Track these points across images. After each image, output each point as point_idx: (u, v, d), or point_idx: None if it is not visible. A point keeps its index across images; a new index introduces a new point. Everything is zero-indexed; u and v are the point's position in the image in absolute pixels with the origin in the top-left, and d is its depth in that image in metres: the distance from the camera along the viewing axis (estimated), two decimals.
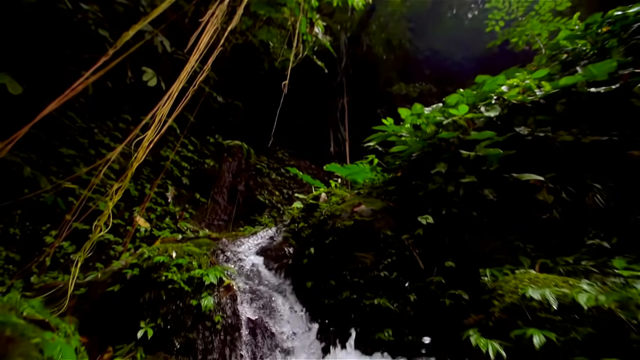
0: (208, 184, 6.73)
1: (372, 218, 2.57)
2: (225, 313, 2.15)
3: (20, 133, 2.42)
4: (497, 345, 1.27)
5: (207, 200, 6.65)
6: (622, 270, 1.32)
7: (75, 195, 5.20)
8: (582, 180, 2.13)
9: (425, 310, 2.00)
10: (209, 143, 7.37)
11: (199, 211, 6.55)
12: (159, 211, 6.36)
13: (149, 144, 2.51)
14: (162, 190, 6.59)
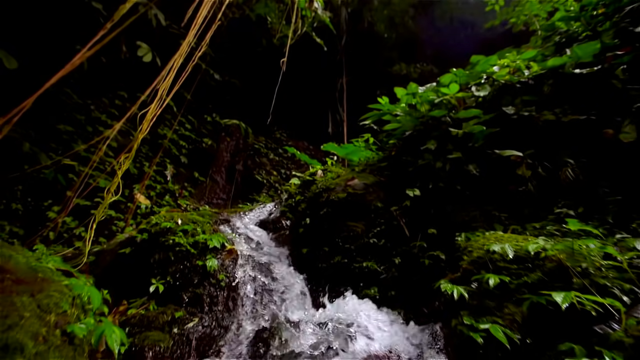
0: (206, 163, 6.90)
1: (364, 191, 2.79)
2: (228, 273, 2.42)
3: (27, 105, 2.54)
4: (461, 289, 1.53)
5: (205, 179, 6.85)
6: (576, 230, 1.55)
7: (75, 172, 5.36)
8: (558, 156, 2.33)
9: (407, 271, 2.27)
10: (206, 122, 7.44)
11: (198, 190, 6.77)
12: (158, 189, 6.56)
13: (152, 118, 2.64)
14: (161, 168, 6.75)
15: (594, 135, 2.33)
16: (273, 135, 8.05)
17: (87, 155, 5.40)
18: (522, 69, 2.74)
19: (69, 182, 5.29)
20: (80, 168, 5.38)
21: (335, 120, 8.02)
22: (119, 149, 4.98)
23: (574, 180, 2.18)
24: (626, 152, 2.19)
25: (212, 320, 2.12)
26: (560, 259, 1.39)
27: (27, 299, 1.30)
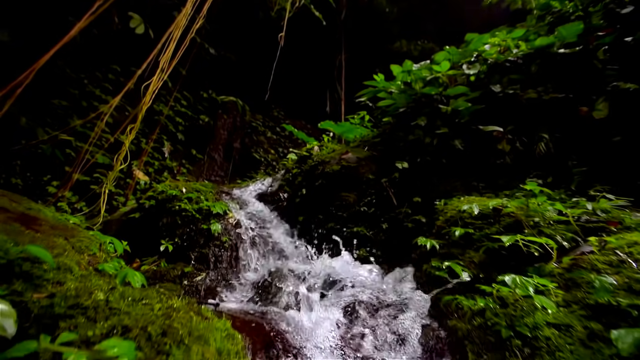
0: (203, 140, 7.05)
1: (357, 164, 3.04)
2: (230, 236, 2.71)
3: (28, 78, 2.69)
4: (434, 242, 1.83)
5: (203, 156, 7.04)
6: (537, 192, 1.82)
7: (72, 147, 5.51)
8: (535, 132, 2.57)
9: (393, 234, 2.58)
10: (202, 98, 7.49)
11: (195, 167, 6.98)
12: (156, 165, 6.76)
13: (154, 90, 2.80)
14: (158, 145, 6.91)
15: (570, 113, 2.56)
16: (270, 114, 8.15)
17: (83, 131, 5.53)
18: (512, 48, 2.90)
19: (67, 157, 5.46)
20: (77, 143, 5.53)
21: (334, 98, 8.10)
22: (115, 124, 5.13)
23: (546, 154, 2.44)
24: (597, 128, 2.44)
25: (217, 274, 2.44)
26: (516, 214, 1.68)
27: (63, 241, 1.56)
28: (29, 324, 0.90)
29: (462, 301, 1.23)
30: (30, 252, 1.14)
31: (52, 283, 1.07)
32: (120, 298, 0.92)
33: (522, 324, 1.02)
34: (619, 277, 1.13)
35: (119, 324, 0.84)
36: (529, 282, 1.11)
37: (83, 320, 0.85)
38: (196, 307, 1.01)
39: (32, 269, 1.10)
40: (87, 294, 0.90)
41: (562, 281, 1.20)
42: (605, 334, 0.94)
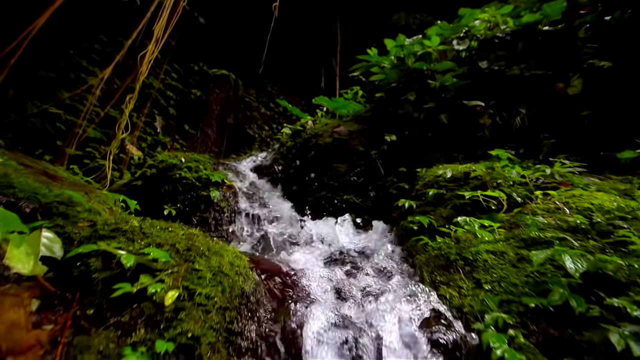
0: (196, 115, 7.12)
1: (348, 137, 3.28)
2: (229, 202, 2.99)
3: (21, 47, 2.77)
4: (412, 202, 2.13)
5: (196, 132, 7.14)
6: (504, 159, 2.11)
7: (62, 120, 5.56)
8: (514, 107, 2.83)
9: (379, 201, 2.89)
10: (193, 72, 7.44)
11: (189, 142, 7.11)
12: (149, 140, 6.87)
13: (150, 60, 2.92)
14: (150, 120, 6.97)
15: (547, 89, 2.81)
16: (264, 89, 8.16)
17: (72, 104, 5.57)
18: (500, 24, 3.07)
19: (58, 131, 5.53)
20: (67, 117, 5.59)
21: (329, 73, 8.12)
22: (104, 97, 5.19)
23: (521, 127, 2.72)
24: (570, 104, 2.71)
25: (218, 235, 2.75)
26: (482, 177, 1.98)
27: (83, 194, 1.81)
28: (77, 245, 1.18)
29: (426, 240, 1.55)
30: (66, 196, 1.40)
31: (87, 220, 1.34)
32: (150, 226, 1.19)
33: (467, 251, 1.34)
34: (551, 219, 1.45)
35: (152, 242, 1.12)
36: (475, 221, 1.42)
37: (124, 239, 1.13)
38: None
39: (68, 210, 1.36)
40: (124, 222, 1.17)
41: (507, 224, 1.52)
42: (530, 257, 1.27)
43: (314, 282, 1.39)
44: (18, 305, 0.89)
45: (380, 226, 2.32)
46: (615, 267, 1.12)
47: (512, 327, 1.00)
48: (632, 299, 1.03)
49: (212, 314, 0.99)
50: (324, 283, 1.40)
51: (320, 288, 1.36)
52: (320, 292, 1.31)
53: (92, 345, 0.85)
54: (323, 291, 1.33)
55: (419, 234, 1.70)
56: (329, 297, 1.29)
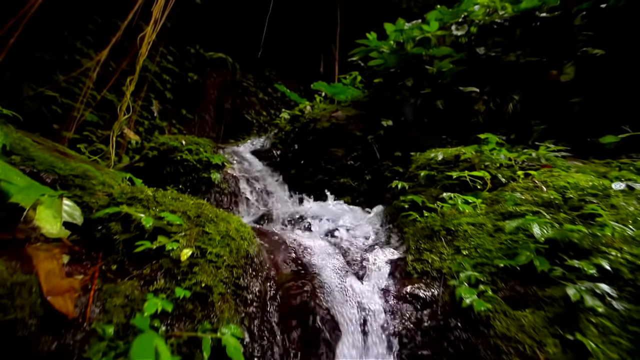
0: (193, 99, 7.13)
1: (346, 121, 3.39)
2: (229, 184, 3.12)
3: (20, 26, 2.79)
4: (404, 184, 2.28)
5: (193, 116, 7.17)
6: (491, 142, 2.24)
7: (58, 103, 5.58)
8: (508, 93, 2.94)
9: (375, 184, 3.04)
10: (189, 54, 7.38)
11: (186, 127, 7.15)
12: (146, 125, 6.90)
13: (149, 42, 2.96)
14: (147, 104, 6.97)
15: (542, 76, 2.91)
16: (262, 73, 8.13)
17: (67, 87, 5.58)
18: (499, 10, 3.13)
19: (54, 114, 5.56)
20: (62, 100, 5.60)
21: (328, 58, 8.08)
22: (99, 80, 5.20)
23: (514, 114, 2.84)
24: (562, 91, 2.82)
25: None
26: (471, 159, 2.12)
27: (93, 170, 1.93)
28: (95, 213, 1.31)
29: (415, 216, 1.71)
30: (81, 170, 1.52)
31: (103, 192, 1.47)
32: (163, 196, 1.33)
33: (450, 223, 1.49)
34: (529, 195, 1.61)
35: (166, 209, 1.26)
36: (459, 196, 1.57)
37: (140, 207, 1.26)
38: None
39: (84, 182, 1.49)
40: (139, 191, 1.31)
41: (488, 201, 1.67)
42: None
43: (312, 249, 1.54)
44: (51, 258, 1.03)
45: (375, 207, 2.47)
46: (581, 236, 1.28)
47: (482, 284, 1.17)
48: (592, 261, 1.19)
49: (221, 269, 1.14)
50: (320, 250, 1.55)
51: (318, 255, 1.51)
52: (318, 258, 1.47)
53: (119, 291, 1.01)
54: (320, 257, 1.49)
55: (409, 211, 1.86)
56: (327, 262, 1.45)
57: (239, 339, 1.03)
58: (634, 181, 1.66)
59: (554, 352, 0.96)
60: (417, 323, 1.11)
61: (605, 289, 1.09)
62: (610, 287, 1.11)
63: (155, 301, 0.97)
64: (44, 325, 0.87)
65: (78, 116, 4.06)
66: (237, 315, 1.12)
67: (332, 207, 2.67)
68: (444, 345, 1.03)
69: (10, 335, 0.82)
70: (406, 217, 1.77)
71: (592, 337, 0.99)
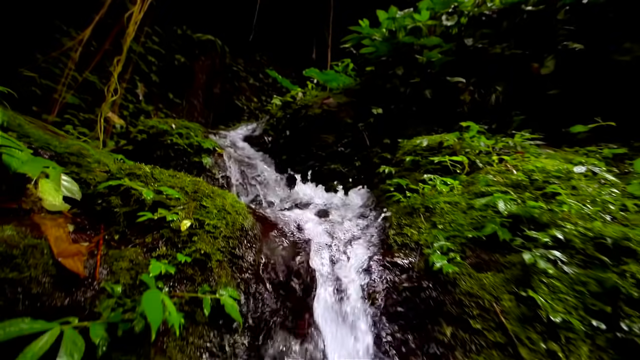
0: (181, 83, 7.00)
1: (337, 109, 3.48)
2: (220, 168, 3.19)
3: None
4: (391, 168, 2.42)
5: (181, 101, 7.06)
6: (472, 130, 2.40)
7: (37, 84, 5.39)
8: (492, 84, 3.10)
9: (364, 170, 3.18)
10: (176, 35, 7.19)
11: (173, 112, 7.04)
12: (131, 108, 6.75)
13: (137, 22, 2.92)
14: (131, 86, 6.80)
15: (524, 68, 3.07)
16: (253, 58, 8.02)
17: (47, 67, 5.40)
18: (488, 1, 3.24)
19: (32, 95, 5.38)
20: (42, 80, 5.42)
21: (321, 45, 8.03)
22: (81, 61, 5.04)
23: (496, 104, 3.01)
24: (542, 83, 3.00)
25: None
26: (453, 146, 2.28)
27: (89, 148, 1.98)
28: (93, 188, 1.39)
29: (399, 197, 1.86)
30: (75, 148, 1.58)
31: (99, 169, 1.54)
32: (160, 173, 1.42)
33: (429, 202, 1.65)
34: (500, 178, 1.78)
35: (164, 184, 1.35)
36: (438, 178, 1.73)
37: (139, 182, 1.35)
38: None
39: (79, 160, 1.55)
40: (137, 168, 1.39)
41: (465, 182, 1.84)
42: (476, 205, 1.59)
43: (303, 226, 1.67)
44: (58, 226, 1.12)
45: (363, 191, 2.62)
46: (541, 212, 1.46)
47: (453, 252, 1.33)
48: (548, 233, 1.37)
49: (219, 239, 1.26)
50: (311, 227, 1.69)
51: (308, 231, 1.65)
52: (308, 233, 1.61)
53: (124, 256, 1.11)
54: (310, 233, 1.62)
55: (394, 192, 2.01)
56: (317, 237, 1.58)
57: (235, 300, 1.16)
58: (595, 165, 1.86)
59: (508, 306, 1.14)
60: (395, 285, 1.26)
61: (557, 255, 1.27)
62: (562, 254, 1.29)
63: (159, 264, 1.07)
64: (56, 283, 0.97)
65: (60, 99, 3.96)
66: (234, 281, 1.25)
67: (323, 192, 2.80)
68: (417, 302, 1.20)
69: (26, 291, 0.92)
70: (390, 197, 1.92)
71: (542, 294, 1.18)
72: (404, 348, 1.09)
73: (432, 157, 2.23)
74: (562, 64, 2.99)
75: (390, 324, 1.17)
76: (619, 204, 1.68)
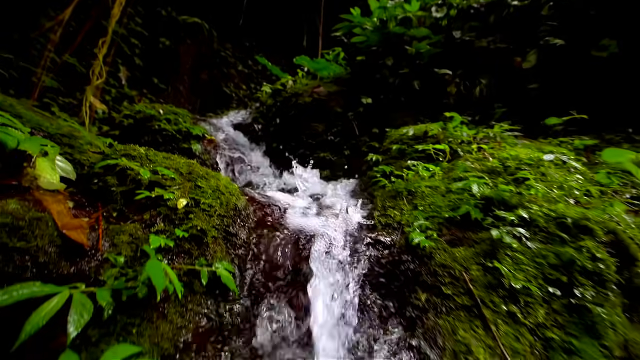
0: (166, 68, 6.85)
1: (327, 97, 3.57)
2: (210, 155, 3.24)
3: None
4: (378, 156, 2.56)
5: (166, 87, 6.92)
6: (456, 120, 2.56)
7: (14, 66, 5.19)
8: (477, 77, 3.26)
9: (353, 158, 3.31)
10: (160, 16, 6.99)
11: (158, 98, 6.91)
12: (113, 93, 6.59)
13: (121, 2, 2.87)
14: (113, 70, 6.61)
15: (508, 62, 3.24)
16: (242, 44, 7.91)
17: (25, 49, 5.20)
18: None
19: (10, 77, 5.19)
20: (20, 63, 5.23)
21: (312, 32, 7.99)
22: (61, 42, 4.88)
23: (480, 97, 3.18)
24: (523, 77, 3.18)
25: None
26: (437, 135, 2.43)
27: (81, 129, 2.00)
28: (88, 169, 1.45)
29: (384, 182, 2.00)
30: (66, 130, 1.62)
31: (92, 150, 1.60)
32: (154, 154, 1.49)
33: (412, 186, 1.79)
34: (478, 164, 1.94)
35: (159, 165, 1.43)
36: (420, 164, 1.87)
37: (134, 162, 1.42)
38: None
39: (71, 141, 1.60)
40: (131, 149, 1.45)
41: (446, 169, 2.00)
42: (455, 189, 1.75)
43: (293, 209, 1.79)
44: (58, 202, 1.18)
45: (352, 179, 2.75)
46: (510, 194, 1.63)
47: (430, 230, 1.48)
48: (515, 213, 1.54)
49: (213, 217, 1.36)
50: (300, 210, 1.81)
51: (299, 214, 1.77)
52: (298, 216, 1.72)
53: (124, 230, 1.19)
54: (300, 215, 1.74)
55: (380, 178, 2.15)
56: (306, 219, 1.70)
57: (230, 273, 1.27)
58: (564, 154, 2.05)
59: (476, 275, 1.30)
60: (377, 259, 1.41)
61: (522, 232, 1.45)
62: (526, 231, 1.47)
63: (158, 238, 1.17)
64: (61, 253, 1.05)
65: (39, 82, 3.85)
66: (228, 256, 1.36)
67: (312, 179, 2.92)
68: (396, 273, 1.34)
69: (34, 259, 1.00)
70: (377, 183, 2.06)
71: (506, 265, 1.35)
72: (385, 312, 1.25)
73: (417, 146, 2.37)
74: (544, 58, 3.18)
75: (373, 292, 1.32)
76: (583, 189, 1.88)
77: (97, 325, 0.98)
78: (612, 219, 1.66)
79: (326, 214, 1.83)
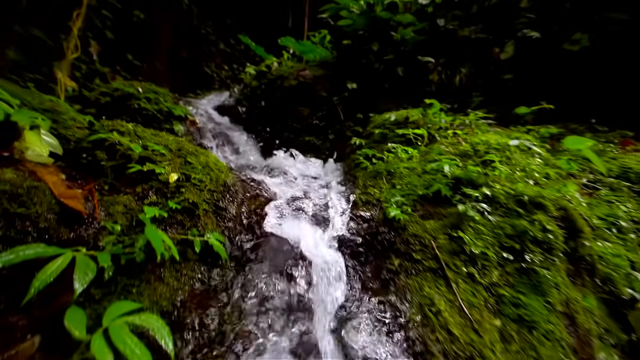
0: (141, 43, 6.56)
1: (313, 81, 3.65)
2: (193, 137, 3.26)
3: None
4: (362, 140, 2.71)
5: (142, 64, 6.66)
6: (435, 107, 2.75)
7: None
8: (458, 66, 3.45)
9: (337, 142, 3.45)
10: None
11: (134, 76, 6.64)
12: (84, 70, 6.27)
13: None
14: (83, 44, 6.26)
15: (487, 52, 3.45)
16: (224, 22, 7.67)
17: None
18: None
19: None
20: None
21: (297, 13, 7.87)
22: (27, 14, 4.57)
23: (459, 85, 3.39)
24: (501, 67, 3.41)
25: None
26: (417, 121, 2.61)
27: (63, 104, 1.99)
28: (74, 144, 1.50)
29: (366, 164, 2.16)
30: (48, 104, 1.65)
31: (76, 126, 1.64)
32: (142, 131, 1.56)
33: (391, 167, 1.97)
34: (451, 148, 2.15)
35: (148, 141, 1.51)
36: (400, 147, 2.05)
37: (124, 137, 1.48)
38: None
39: (54, 116, 1.64)
40: (119, 125, 1.52)
41: (423, 152, 2.19)
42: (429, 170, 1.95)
43: (279, 189, 1.92)
44: (52, 174, 1.25)
45: (336, 163, 2.91)
46: (478, 175, 1.84)
47: (406, 205, 1.67)
48: (480, 190, 1.76)
49: (204, 192, 1.47)
50: (287, 190, 1.94)
51: (285, 192, 1.90)
52: (284, 192, 1.86)
53: (118, 201, 1.28)
54: (286, 193, 1.88)
55: (362, 160, 2.31)
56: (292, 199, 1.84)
57: (221, 243, 1.40)
58: (528, 141, 2.30)
59: (443, 243, 1.51)
60: (357, 231, 1.59)
61: (484, 207, 1.67)
62: (488, 206, 1.69)
63: (152, 209, 1.27)
64: (60, 220, 1.13)
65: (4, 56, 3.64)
66: (219, 229, 1.48)
67: (297, 162, 3.04)
68: (374, 243, 1.53)
69: (34, 224, 1.08)
70: (359, 165, 2.22)
71: (469, 234, 1.57)
72: (363, 275, 1.43)
73: (398, 130, 2.55)
74: (520, 50, 3.41)
75: (353, 260, 1.50)
76: (544, 172, 2.14)
77: (99, 286, 1.09)
78: (564, 197, 1.92)
79: (312, 194, 1.98)
